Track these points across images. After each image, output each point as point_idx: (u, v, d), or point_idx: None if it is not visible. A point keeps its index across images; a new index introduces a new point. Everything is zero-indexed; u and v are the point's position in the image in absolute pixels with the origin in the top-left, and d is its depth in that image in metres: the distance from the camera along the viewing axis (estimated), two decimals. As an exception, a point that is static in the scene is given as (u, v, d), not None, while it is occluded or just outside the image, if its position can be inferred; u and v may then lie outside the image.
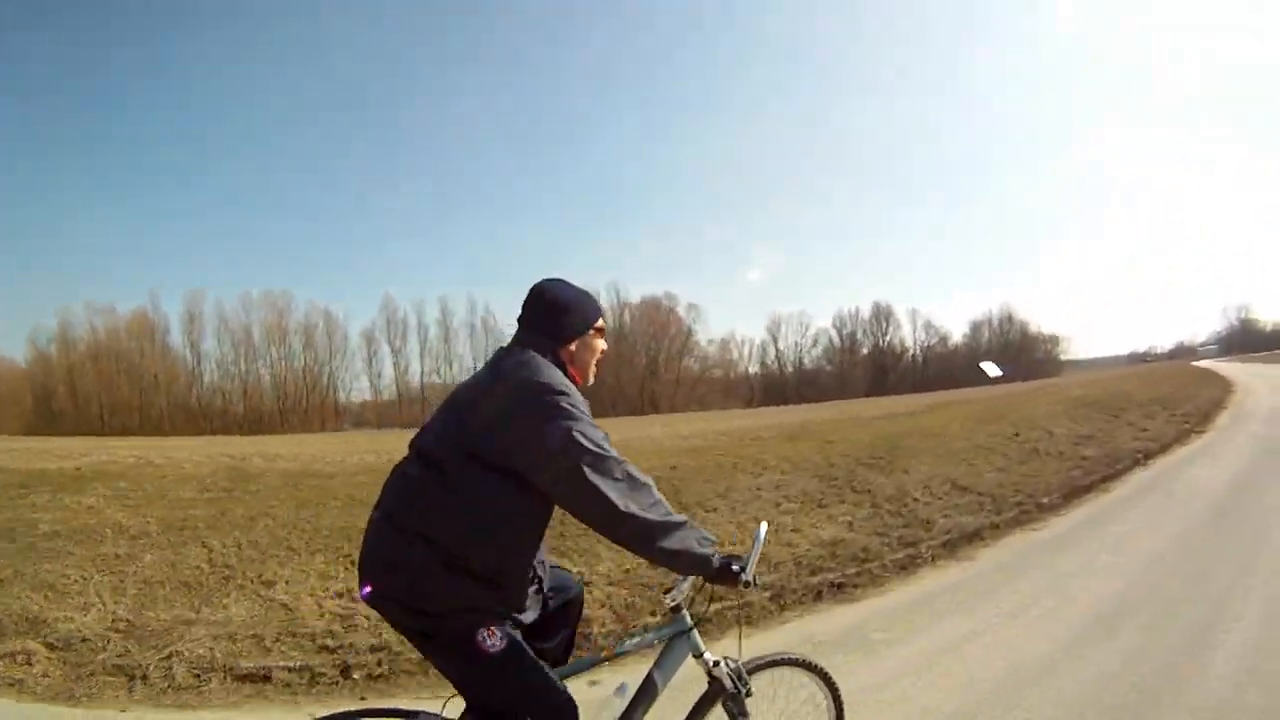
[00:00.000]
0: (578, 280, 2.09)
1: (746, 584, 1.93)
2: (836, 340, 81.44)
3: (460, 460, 1.77)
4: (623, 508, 1.73)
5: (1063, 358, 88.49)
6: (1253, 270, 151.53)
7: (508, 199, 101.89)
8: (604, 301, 3.80)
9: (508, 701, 1.81)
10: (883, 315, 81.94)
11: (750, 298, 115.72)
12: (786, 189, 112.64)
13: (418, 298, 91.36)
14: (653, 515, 1.78)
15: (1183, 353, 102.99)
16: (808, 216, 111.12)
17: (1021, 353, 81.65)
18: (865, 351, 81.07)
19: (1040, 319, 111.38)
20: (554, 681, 1.85)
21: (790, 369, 78.59)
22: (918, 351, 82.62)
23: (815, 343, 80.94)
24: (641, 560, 3.76)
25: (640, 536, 1.79)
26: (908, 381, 72.63)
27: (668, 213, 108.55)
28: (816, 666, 2.38)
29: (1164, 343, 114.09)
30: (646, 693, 2.04)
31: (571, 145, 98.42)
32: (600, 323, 2.07)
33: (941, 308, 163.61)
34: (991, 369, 66.14)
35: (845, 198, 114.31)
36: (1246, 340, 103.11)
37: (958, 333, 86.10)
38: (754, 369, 79.71)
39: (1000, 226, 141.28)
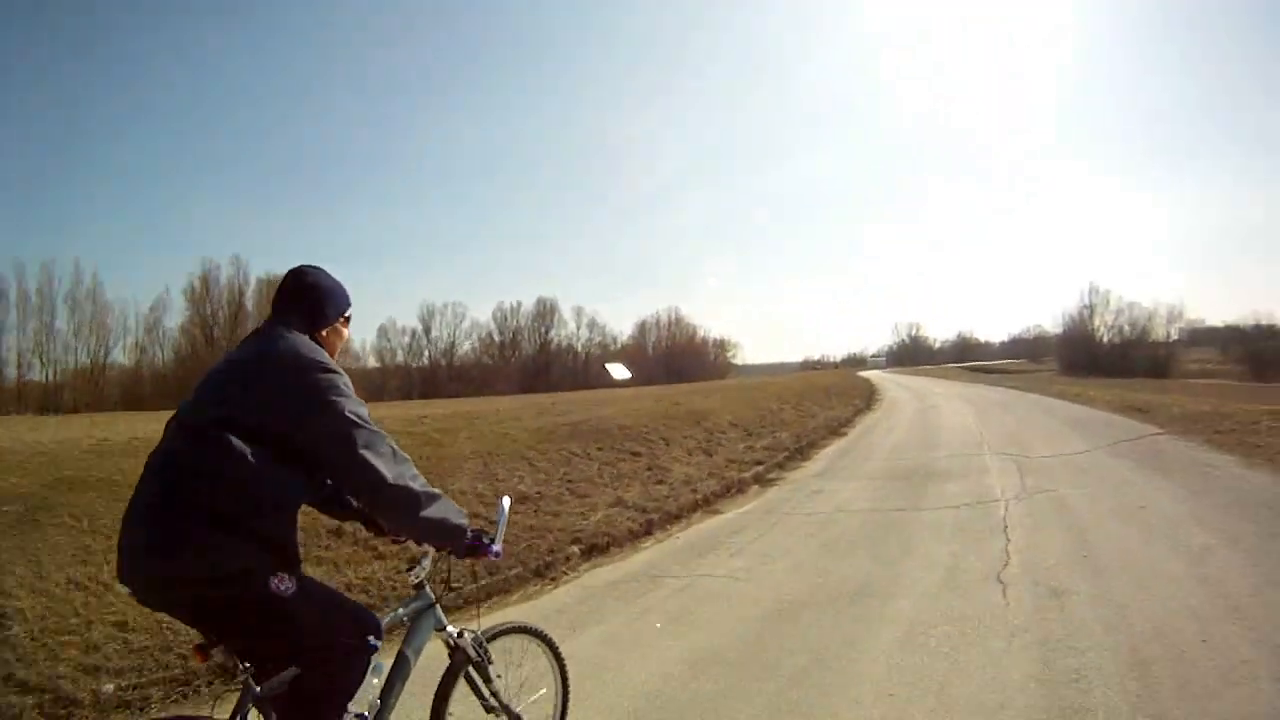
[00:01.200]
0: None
1: (496, 554, 2.16)
2: (496, 334, 78.28)
3: (231, 435, 1.74)
4: (392, 479, 1.86)
5: (734, 361, 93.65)
6: (925, 291, 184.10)
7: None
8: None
9: (316, 632, 1.83)
10: (546, 312, 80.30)
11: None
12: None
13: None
14: (415, 486, 1.91)
15: (854, 361, 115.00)
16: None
17: (689, 355, 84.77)
18: (526, 348, 78.96)
19: (709, 324, 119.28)
20: (345, 597, 2.02)
21: (443, 361, 73.41)
22: (581, 350, 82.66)
23: (470, 335, 76.99)
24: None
25: (407, 507, 1.91)
26: (571, 379, 71.05)
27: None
28: (543, 634, 2.59)
29: (838, 351, 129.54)
30: (400, 669, 2.10)
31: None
32: (349, 312, 2.16)
33: (612, 308, 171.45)
34: (618, 371, 66.65)
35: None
36: (917, 353, 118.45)
37: (626, 333, 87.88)
38: (410, 360, 72.98)
39: (677, 234, 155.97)
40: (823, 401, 22.27)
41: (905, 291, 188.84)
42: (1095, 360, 66.88)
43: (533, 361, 77.11)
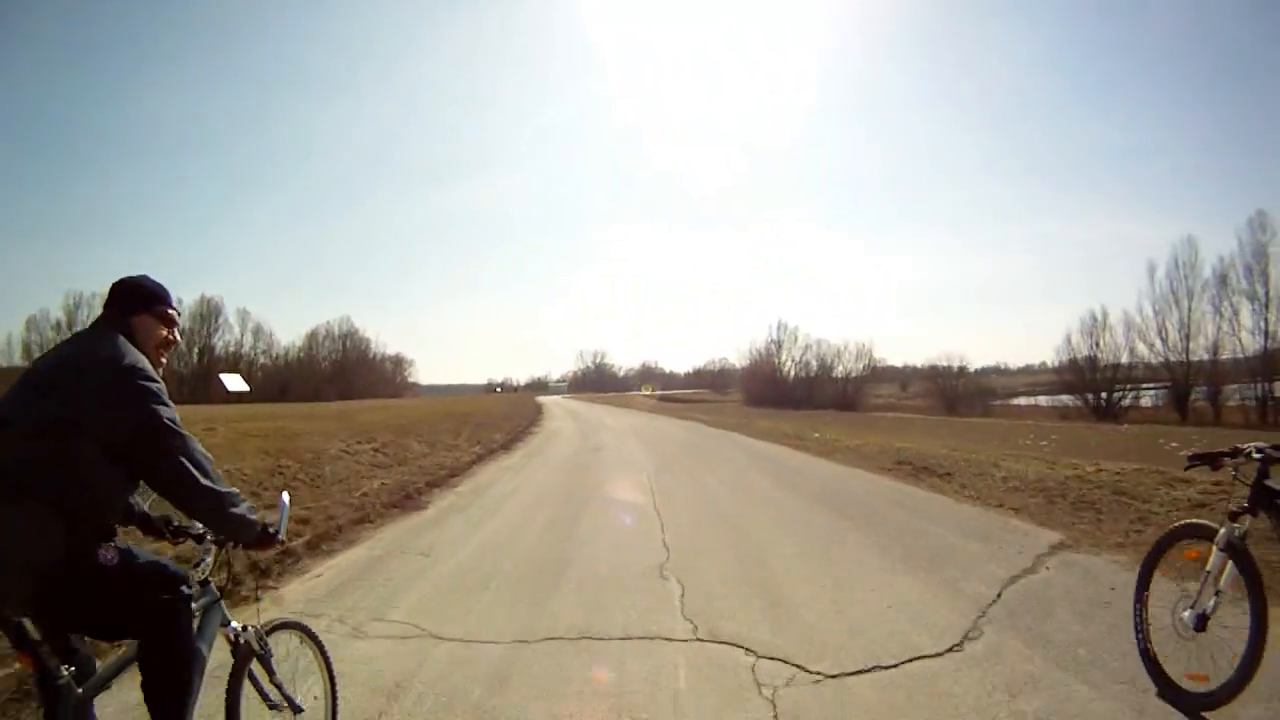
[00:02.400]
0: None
1: (281, 543, 2.28)
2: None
3: (53, 433, 1.79)
4: (203, 481, 1.92)
5: (411, 380, 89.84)
6: (612, 321, 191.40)
7: None
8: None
9: (140, 593, 1.90)
10: (209, 313, 69.58)
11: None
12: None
13: None
14: (221, 488, 1.98)
15: (537, 386, 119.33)
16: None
17: (361, 370, 79.31)
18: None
19: (387, 340, 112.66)
20: (154, 557, 2.02)
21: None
22: (249, 355, 73.07)
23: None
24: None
25: (216, 506, 1.98)
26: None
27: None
28: (308, 628, 2.61)
29: (524, 375, 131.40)
30: (195, 665, 2.11)
31: None
32: (165, 310, 2.14)
33: (279, 313, 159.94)
34: (233, 382, 60.47)
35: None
36: (601, 380, 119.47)
37: (297, 341, 79.09)
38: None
39: (370, 242, 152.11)
40: (456, 433, 17.37)
41: (592, 319, 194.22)
42: (781, 393, 68.34)
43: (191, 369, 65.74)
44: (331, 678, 2.67)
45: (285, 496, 2.54)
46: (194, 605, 2.07)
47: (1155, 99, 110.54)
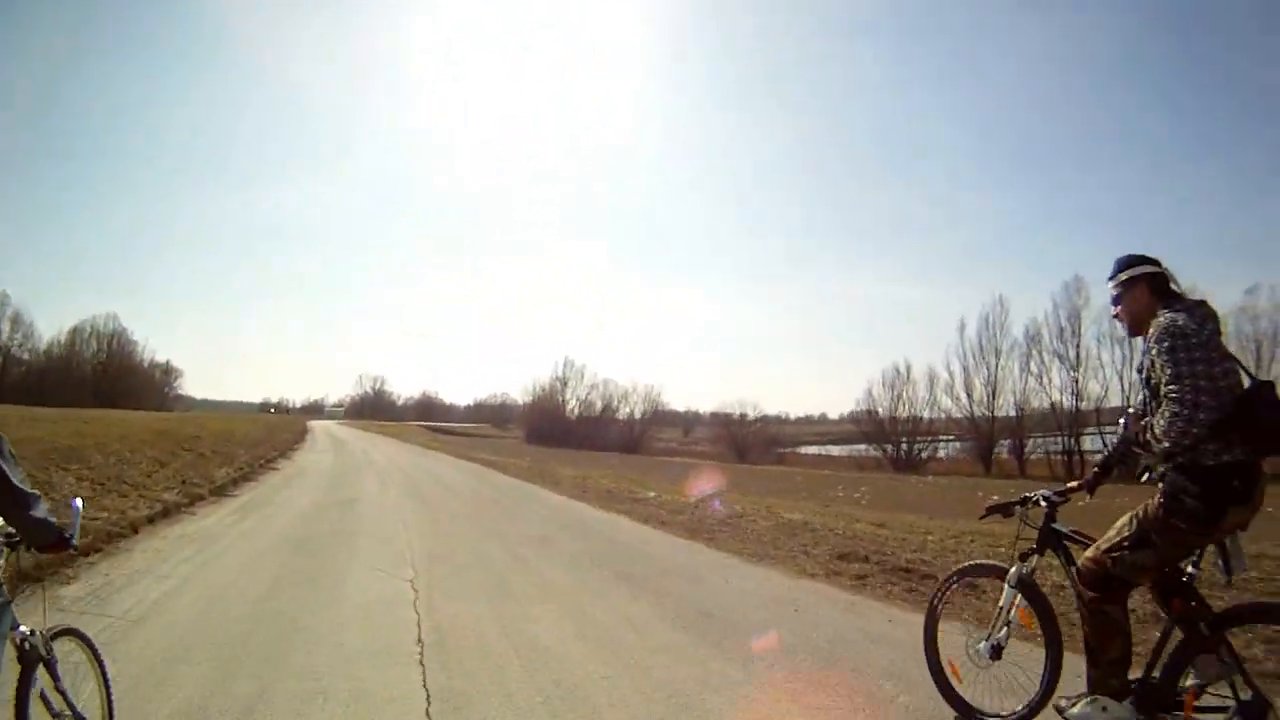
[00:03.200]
0: None
1: (74, 548, 2.36)
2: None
3: None
4: (16, 482, 2.04)
5: (179, 392, 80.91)
6: (393, 348, 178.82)
7: None
8: None
9: None
10: None
11: None
12: None
13: None
14: (26, 488, 2.09)
15: (313, 409, 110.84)
16: None
17: (126, 376, 69.69)
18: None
19: (159, 346, 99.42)
20: None
21: None
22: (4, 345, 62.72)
23: None
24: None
25: (20, 506, 2.07)
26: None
27: None
28: (84, 635, 2.55)
29: (302, 396, 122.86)
30: None
31: None
32: None
33: (46, 304, 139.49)
34: None
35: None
36: (379, 408, 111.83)
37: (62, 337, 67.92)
38: None
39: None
40: (163, 463, 13.13)
41: (374, 344, 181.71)
42: (564, 431, 66.22)
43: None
44: (107, 686, 2.65)
45: (78, 502, 2.59)
46: None
47: (965, 167, 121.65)
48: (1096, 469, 3.03)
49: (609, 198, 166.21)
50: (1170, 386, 2.36)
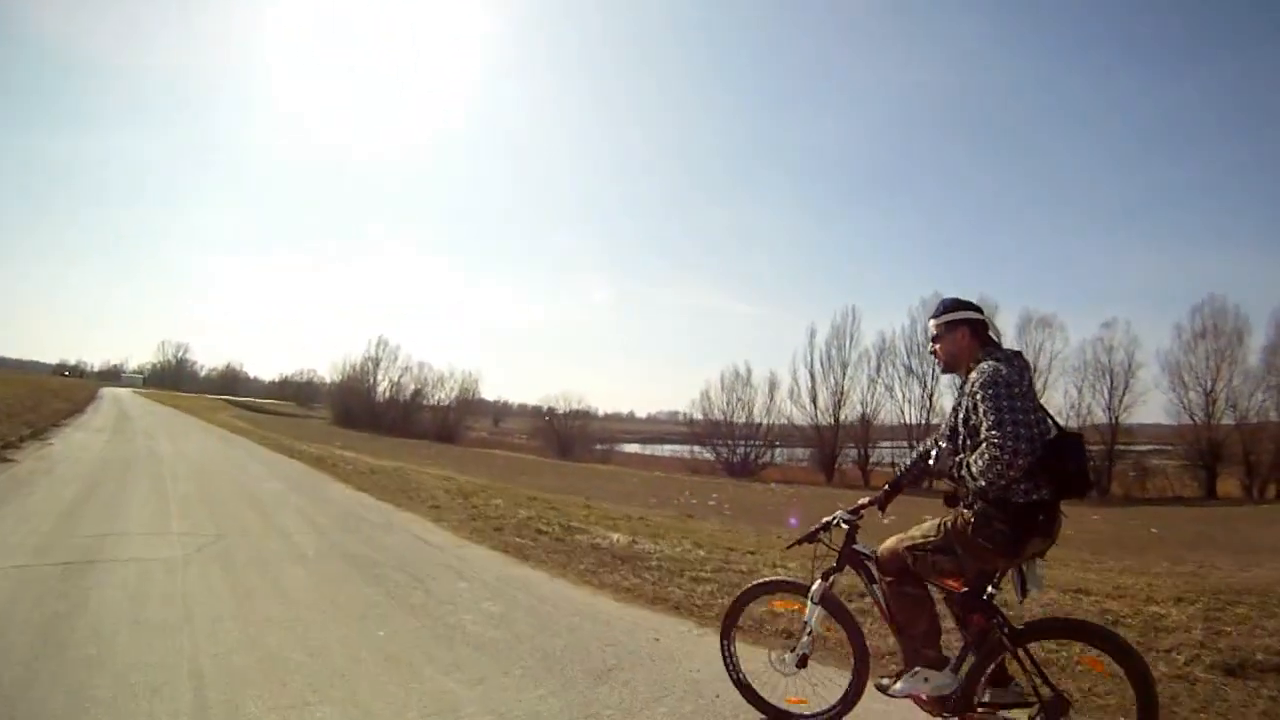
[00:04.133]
0: None
1: None
2: None
3: None
4: None
5: None
6: (200, 314, 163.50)
7: None
8: None
9: None
10: None
11: None
12: None
13: None
14: None
15: (110, 374, 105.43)
16: None
17: None
18: None
19: None
20: None
21: None
22: None
23: None
24: None
25: None
26: None
27: None
28: None
29: (100, 359, 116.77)
30: None
31: None
32: None
33: None
34: None
35: None
36: (180, 377, 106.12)
37: None
38: None
39: None
40: None
41: (180, 308, 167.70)
42: (374, 414, 62.47)
43: None
44: None
45: None
46: None
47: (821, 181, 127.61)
48: (887, 487, 3.21)
49: (430, 190, 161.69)
50: (992, 432, 2.53)
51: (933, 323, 3.00)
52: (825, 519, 3.20)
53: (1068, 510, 2.71)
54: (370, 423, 58.51)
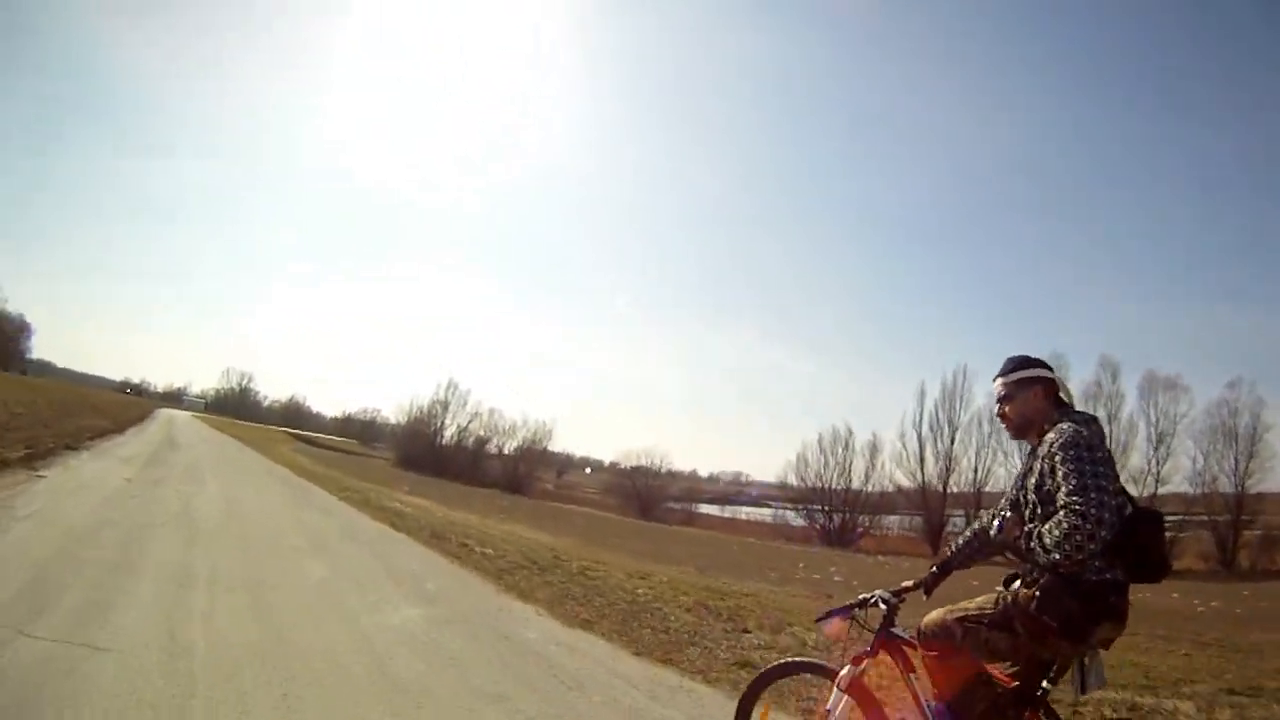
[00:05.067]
0: None
1: None
2: None
3: None
4: None
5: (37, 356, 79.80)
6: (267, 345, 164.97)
7: None
8: None
9: None
10: None
11: None
12: None
13: None
14: None
15: (172, 396, 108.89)
16: None
17: None
18: None
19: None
20: None
21: None
22: None
23: None
24: None
25: None
26: None
27: None
28: None
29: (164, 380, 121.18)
30: None
31: None
32: None
33: None
34: None
35: None
36: (243, 406, 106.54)
37: None
38: None
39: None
40: None
41: (245, 336, 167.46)
42: (440, 459, 59.22)
43: None
44: None
45: None
46: None
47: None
48: (935, 569, 2.95)
49: (508, 234, 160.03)
50: (1074, 498, 2.29)
51: (999, 382, 2.79)
52: (862, 595, 2.97)
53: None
54: (434, 466, 55.59)
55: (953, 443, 43.38)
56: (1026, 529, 2.45)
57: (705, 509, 63.39)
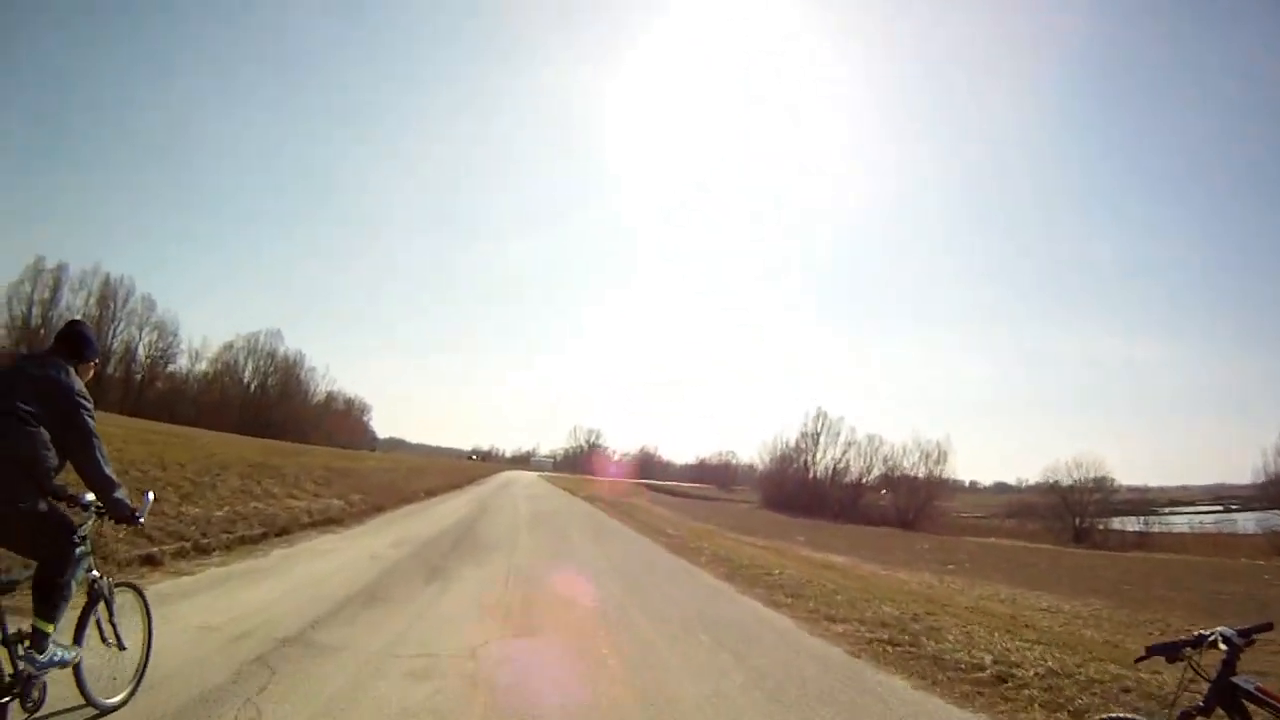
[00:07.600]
0: None
1: (141, 524, 3.57)
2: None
3: (31, 422, 3.08)
4: (104, 468, 3.31)
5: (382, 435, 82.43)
6: (607, 402, 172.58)
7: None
8: None
9: (53, 532, 3.18)
10: (114, 296, 57.99)
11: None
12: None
13: None
14: (114, 476, 3.37)
15: (520, 459, 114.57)
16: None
17: (293, 401, 67.30)
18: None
19: (336, 378, 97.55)
20: (62, 512, 3.23)
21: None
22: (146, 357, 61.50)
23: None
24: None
25: (107, 487, 3.32)
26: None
27: None
28: (142, 590, 4.00)
29: (512, 446, 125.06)
30: (70, 587, 3.23)
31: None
32: (95, 361, 3.70)
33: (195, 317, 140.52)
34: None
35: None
36: (592, 462, 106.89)
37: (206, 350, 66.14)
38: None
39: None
40: None
41: (589, 396, 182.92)
42: (812, 498, 54.12)
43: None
44: (150, 629, 3.90)
45: (150, 495, 3.84)
46: (78, 550, 3.23)
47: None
48: None
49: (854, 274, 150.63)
50: None
51: None
52: (1199, 632, 2.39)
53: None
54: (805, 506, 50.78)
55: None
56: None
57: (1175, 519, 52.98)
